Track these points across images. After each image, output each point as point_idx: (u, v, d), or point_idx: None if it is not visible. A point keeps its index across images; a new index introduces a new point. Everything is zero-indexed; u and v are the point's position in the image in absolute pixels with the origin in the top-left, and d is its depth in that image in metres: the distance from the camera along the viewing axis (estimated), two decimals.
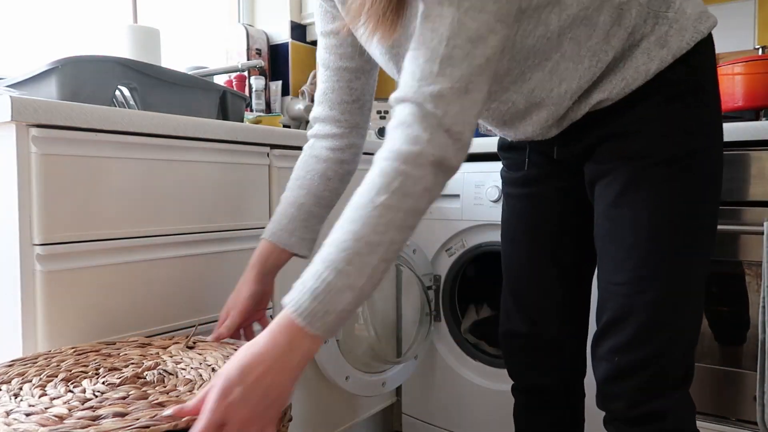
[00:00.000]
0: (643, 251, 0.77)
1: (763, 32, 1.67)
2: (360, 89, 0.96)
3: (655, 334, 0.78)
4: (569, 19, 0.73)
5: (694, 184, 0.78)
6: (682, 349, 0.79)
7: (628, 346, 0.79)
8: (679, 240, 0.77)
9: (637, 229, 0.78)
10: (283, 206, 0.97)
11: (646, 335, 0.78)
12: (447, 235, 1.55)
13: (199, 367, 0.81)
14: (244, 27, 2.14)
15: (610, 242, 0.81)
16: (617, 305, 0.80)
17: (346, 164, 0.98)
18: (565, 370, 0.99)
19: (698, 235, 0.79)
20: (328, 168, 0.97)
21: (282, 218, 0.96)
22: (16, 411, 0.63)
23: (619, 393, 0.81)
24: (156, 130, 1.01)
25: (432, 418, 1.62)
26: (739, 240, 1.16)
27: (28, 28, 1.61)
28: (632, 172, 0.78)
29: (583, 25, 0.74)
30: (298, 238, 0.96)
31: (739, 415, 1.17)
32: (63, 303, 0.90)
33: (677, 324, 0.78)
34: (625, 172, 0.79)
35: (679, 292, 0.78)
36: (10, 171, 0.86)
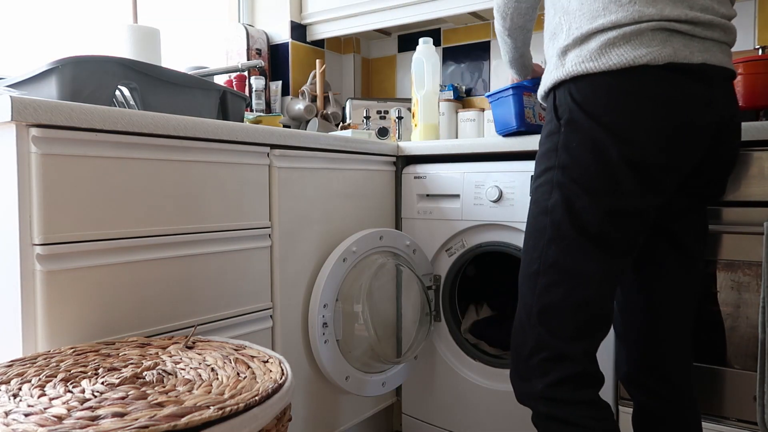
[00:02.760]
0: None
1: (763, 32, 1.67)
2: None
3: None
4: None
5: None
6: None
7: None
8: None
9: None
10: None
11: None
12: (447, 235, 1.55)
13: (198, 367, 0.81)
14: (244, 27, 2.14)
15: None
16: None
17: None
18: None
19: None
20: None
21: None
22: (15, 411, 0.63)
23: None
24: (156, 130, 1.01)
25: (432, 418, 1.62)
26: (739, 240, 1.16)
27: (28, 28, 1.61)
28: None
29: None
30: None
31: (739, 415, 1.17)
32: (62, 303, 0.90)
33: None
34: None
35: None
36: (10, 171, 0.86)
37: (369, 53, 2.48)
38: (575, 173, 0.89)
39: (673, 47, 0.85)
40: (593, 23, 0.88)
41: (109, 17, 1.79)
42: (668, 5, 0.86)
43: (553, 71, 0.93)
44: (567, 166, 0.90)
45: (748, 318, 1.16)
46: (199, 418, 0.62)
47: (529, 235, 0.97)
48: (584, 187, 0.89)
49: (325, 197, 1.41)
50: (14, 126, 0.85)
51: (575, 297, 0.91)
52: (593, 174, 0.88)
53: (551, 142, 0.93)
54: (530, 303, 0.94)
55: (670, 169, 0.90)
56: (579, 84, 0.89)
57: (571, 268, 0.91)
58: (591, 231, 0.89)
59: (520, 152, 1.44)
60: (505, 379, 1.47)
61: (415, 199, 1.61)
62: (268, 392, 0.71)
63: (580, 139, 0.89)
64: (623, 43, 0.86)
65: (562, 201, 0.90)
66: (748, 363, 1.16)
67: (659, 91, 0.86)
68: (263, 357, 0.85)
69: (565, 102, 0.91)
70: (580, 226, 0.89)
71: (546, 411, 0.91)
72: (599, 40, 0.87)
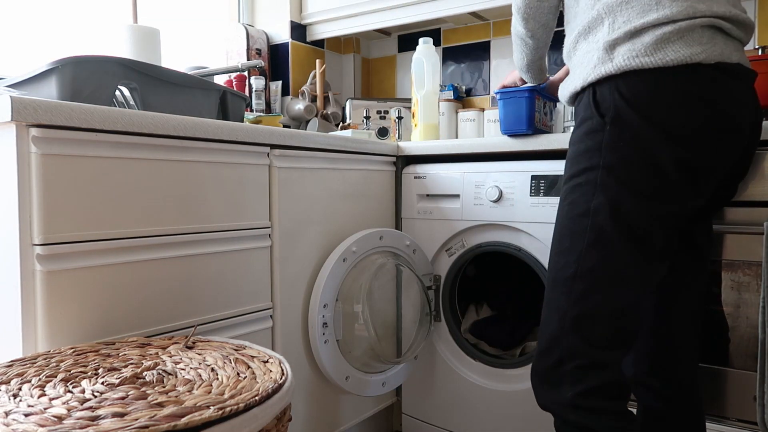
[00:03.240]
0: None
1: (763, 32, 1.67)
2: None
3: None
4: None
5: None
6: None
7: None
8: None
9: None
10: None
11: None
12: (447, 235, 1.55)
13: (198, 367, 0.81)
14: (244, 27, 2.14)
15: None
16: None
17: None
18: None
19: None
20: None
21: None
22: (15, 411, 0.63)
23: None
24: (156, 130, 1.01)
25: (432, 418, 1.62)
26: (739, 240, 1.16)
27: (28, 28, 1.61)
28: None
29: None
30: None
31: (739, 415, 1.17)
32: (62, 303, 0.90)
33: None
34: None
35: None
36: (10, 171, 0.86)
37: (369, 53, 2.48)
38: (622, 174, 0.86)
39: (720, 46, 0.85)
40: (646, 17, 0.85)
41: (109, 17, 1.79)
42: (715, 2, 0.86)
43: (597, 66, 0.89)
44: (613, 166, 0.86)
45: (748, 318, 1.16)
46: (199, 418, 0.62)
47: (562, 237, 0.92)
48: (632, 189, 0.86)
49: (325, 197, 1.40)
50: (14, 126, 0.85)
51: (615, 304, 0.88)
52: (642, 175, 0.85)
53: (592, 141, 0.89)
54: (564, 308, 0.90)
55: (715, 170, 0.88)
56: (629, 80, 0.85)
57: (612, 273, 0.87)
58: (637, 235, 0.86)
59: (520, 152, 1.44)
60: (506, 379, 1.47)
61: (415, 199, 1.61)
62: (268, 392, 0.71)
63: (627, 138, 0.85)
64: (677, 38, 0.84)
65: (607, 203, 0.86)
66: (748, 363, 1.16)
67: (709, 90, 0.85)
68: (263, 357, 0.85)
69: (611, 98, 0.87)
70: (626, 230, 0.86)
71: (575, 419, 0.88)
72: (653, 35, 0.84)
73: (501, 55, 2.12)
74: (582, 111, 0.93)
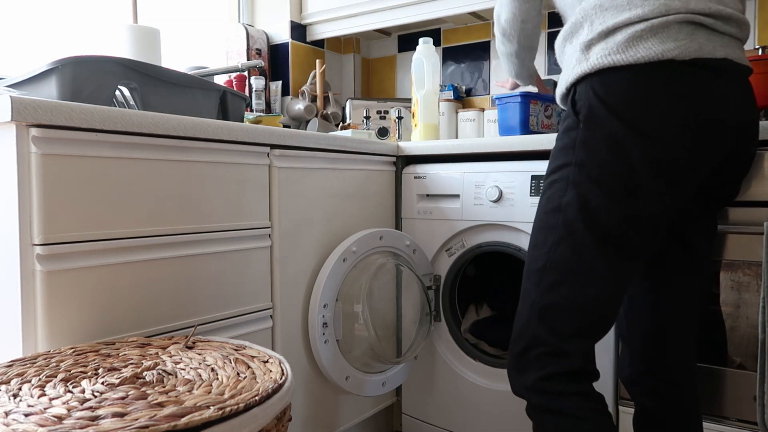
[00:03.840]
0: None
1: (763, 32, 1.67)
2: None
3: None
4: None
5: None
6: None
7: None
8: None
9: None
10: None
11: None
12: (447, 235, 1.55)
13: (198, 367, 0.81)
14: (244, 27, 2.14)
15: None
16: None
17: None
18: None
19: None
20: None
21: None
22: (15, 411, 0.63)
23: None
24: (156, 130, 1.01)
25: (432, 418, 1.62)
26: (739, 240, 1.16)
27: (28, 28, 1.61)
28: None
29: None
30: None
31: (739, 415, 1.17)
32: (63, 303, 0.90)
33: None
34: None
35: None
36: (10, 171, 0.86)
37: (369, 53, 2.48)
38: (593, 171, 0.87)
39: (699, 42, 0.84)
40: (618, 17, 0.86)
41: (109, 17, 1.79)
42: (697, 1, 0.86)
43: (575, 66, 0.90)
44: (584, 163, 0.88)
45: (748, 318, 1.16)
46: (199, 418, 0.62)
47: (537, 231, 0.95)
48: (601, 187, 0.87)
49: (325, 197, 1.40)
50: (14, 126, 0.85)
51: (579, 298, 0.90)
52: (612, 173, 0.86)
53: (568, 138, 0.91)
54: (533, 299, 0.93)
55: (692, 169, 0.88)
56: (603, 78, 0.87)
57: (578, 268, 0.89)
58: (605, 232, 0.88)
59: (520, 152, 1.44)
60: (506, 378, 1.47)
61: (415, 199, 1.61)
62: (268, 392, 0.71)
63: (599, 136, 0.87)
64: (650, 36, 0.84)
65: (576, 199, 0.88)
66: (748, 363, 1.16)
67: (684, 87, 0.84)
68: (263, 357, 0.85)
69: (586, 97, 0.88)
70: (594, 227, 0.88)
71: (539, 402, 0.91)
72: (626, 33, 0.85)
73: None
74: (565, 110, 0.95)
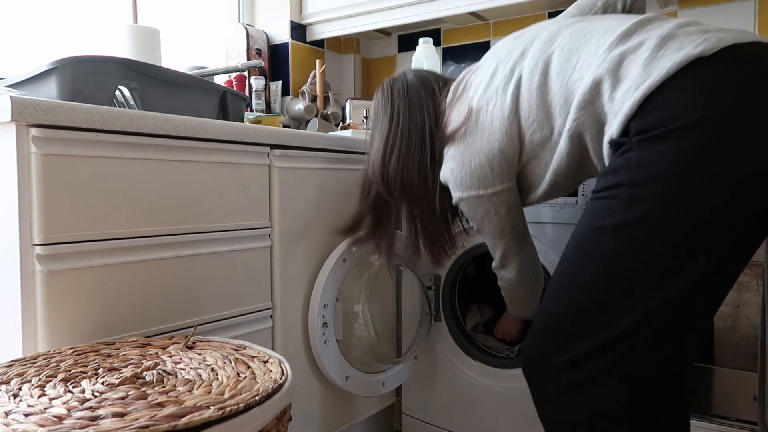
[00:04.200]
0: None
1: (763, 32, 1.67)
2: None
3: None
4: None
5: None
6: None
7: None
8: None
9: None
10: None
11: None
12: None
13: (198, 367, 0.81)
14: (244, 27, 2.14)
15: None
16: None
17: None
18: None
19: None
20: None
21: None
22: (15, 411, 0.63)
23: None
24: (156, 130, 1.01)
25: (432, 418, 1.62)
26: None
27: (28, 28, 1.61)
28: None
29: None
30: None
31: (739, 415, 1.17)
32: (63, 303, 0.90)
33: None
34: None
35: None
36: (10, 171, 0.86)
37: (369, 53, 2.48)
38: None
39: (717, 35, 0.81)
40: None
41: (109, 17, 1.79)
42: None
43: (607, 126, 0.88)
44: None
45: (748, 318, 1.16)
46: (199, 418, 0.62)
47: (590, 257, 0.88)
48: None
49: (325, 197, 1.40)
50: (14, 126, 0.85)
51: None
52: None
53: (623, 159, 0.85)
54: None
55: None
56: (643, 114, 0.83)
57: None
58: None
59: None
60: (506, 379, 1.47)
61: None
62: (268, 392, 0.71)
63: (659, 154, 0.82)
64: (663, 50, 0.83)
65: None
66: (748, 363, 1.16)
67: (725, 76, 0.80)
68: (263, 357, 0.85)
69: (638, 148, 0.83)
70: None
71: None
72: (637, 64, 0.84)
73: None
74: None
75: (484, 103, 1.03)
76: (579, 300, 0.86)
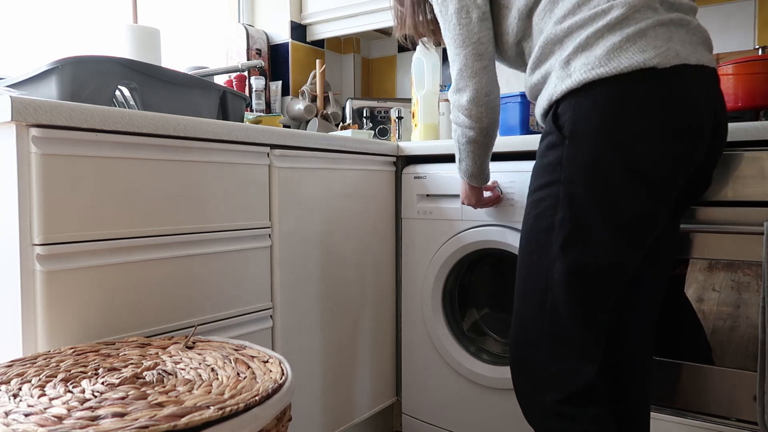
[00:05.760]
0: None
1: (763, 32, 1.67)
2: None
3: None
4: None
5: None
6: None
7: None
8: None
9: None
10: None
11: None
12: (447, 235, 1.54)
13: (198, 367, 0.81)
14: (244, 27, 2.14)
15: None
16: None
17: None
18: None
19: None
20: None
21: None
22: (15, 411, 0.63)
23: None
24: (156, 130, 1.01)
25: (432, 418, 1.62)
26: (739, 240, 1.16)
27: (28, 28, 1.61)
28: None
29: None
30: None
31: (739, 415, 1.17)
32: (63, 303, 0.90)
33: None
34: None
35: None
36: (10, 171, 0.86)
37: (369, 53, 2.48)
38: (581, 188, 0.87)
39: (676, 49, 0.85)
40: (590, 28, 0.87)
41: (109, 17, 1.79)
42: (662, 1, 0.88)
43: (556, 84, 0.90)
44: (573, 180, 0.88)
45: (748, 318, 1.16)
46: (199, 418, 0.62)
47: (531, 250, 0.95)
48: (593, 202, 0.87)
49: (325, 197, 1.40)
50: (14, 126, 0.85)
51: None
52: (601, 187, 0.87)
53: (553, 155, 0.90)
54: (541, 323, 0.93)
55: (679, 173, 0.88)
56: (587, 92, 0.86)
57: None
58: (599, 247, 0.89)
59: (521, 152, 1.44)
60: (506, 379, 1.47)
61: (415, 199, 1.61)
62: (268, 392, 0.71)
63: (586, 152, 0.87)
64: (629, 45, 0.84)
65: (570, 217, 0.88)
66: (748, 363, 1.16)
67: (668, 94, 0.85)
68: (263, 357, 0.85)
69: (571, 113, 0.88)
70: (589, 243, 0.88)
71: (558, 425, 0.91)
72: (604, 46, 0.85)
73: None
74: (546, 126, 0.95)
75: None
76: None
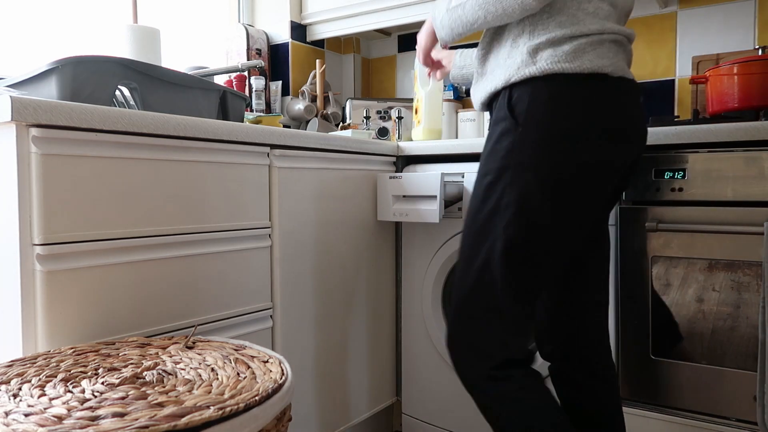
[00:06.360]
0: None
1: (763, 32, 1.67)
2: None
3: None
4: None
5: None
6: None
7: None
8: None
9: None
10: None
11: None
12: (448, 234, 1.55)
13: (198, 367, 0.81)
14: (244, 27, 2.14)
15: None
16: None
17: None
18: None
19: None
20: None
21: None
22: (15, 411, 0.63)
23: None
24: (156, 130, 1.01)
25: (432, 418, 1.62)
26: (739, 240, 1.16)
27: (28, 28, 1.61)
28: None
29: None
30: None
31: (739, 415, 1.17)
32: (62, 303, 0.90)
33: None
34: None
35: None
36: (10, 171, 0.86)
37: (369, 53, 2.48)
38: (531, 173, 0.92)
39: (621, 63, 0.95)
40: (564, 30, 0.92)
41: (109, 17, 1.79)
42: (616, 24, 0.97)
43: (520, 67, 0.93)
44: (524, 165, 0.92)
45: (748, 318, 1.16)
46: (199, 418, 0.62)
47: (475, 233, 0.98)
48: (540, 186, 0.92)
49: (325, 197, 1.41)
50: (14, 126, 0.85)
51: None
52: (550, 173, 0.92)
53: (507, 141, 0.94)
54: (478, 294, 0.99)
55: (615, 171, 0.96)
56: (549, 82, 0.91)
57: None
58: (542, 231, 0.94)
59: None
60: None
61: None
62: (268, 392, 0.71)
63: (539, 138, 0.92)
64: (591, 50, 0.92)
65: (514, 201, 0.93)
66: (748, 363, 1.16)
67: (616, 98, 0.93)
68: (263, 357, 0.85)
69: (528, 99, 0.92)
70: (531, 226, 0.94)
71: (492, 387, 1.03)
72: (571, 45, 0.92)
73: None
74: (498, 111, 0.98)
75: None
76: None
